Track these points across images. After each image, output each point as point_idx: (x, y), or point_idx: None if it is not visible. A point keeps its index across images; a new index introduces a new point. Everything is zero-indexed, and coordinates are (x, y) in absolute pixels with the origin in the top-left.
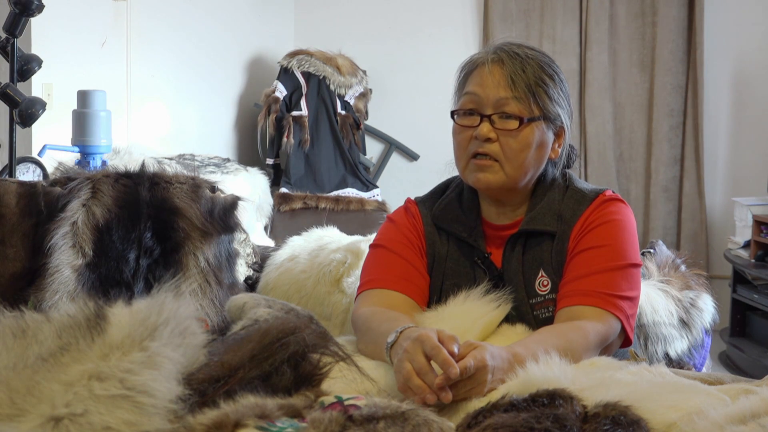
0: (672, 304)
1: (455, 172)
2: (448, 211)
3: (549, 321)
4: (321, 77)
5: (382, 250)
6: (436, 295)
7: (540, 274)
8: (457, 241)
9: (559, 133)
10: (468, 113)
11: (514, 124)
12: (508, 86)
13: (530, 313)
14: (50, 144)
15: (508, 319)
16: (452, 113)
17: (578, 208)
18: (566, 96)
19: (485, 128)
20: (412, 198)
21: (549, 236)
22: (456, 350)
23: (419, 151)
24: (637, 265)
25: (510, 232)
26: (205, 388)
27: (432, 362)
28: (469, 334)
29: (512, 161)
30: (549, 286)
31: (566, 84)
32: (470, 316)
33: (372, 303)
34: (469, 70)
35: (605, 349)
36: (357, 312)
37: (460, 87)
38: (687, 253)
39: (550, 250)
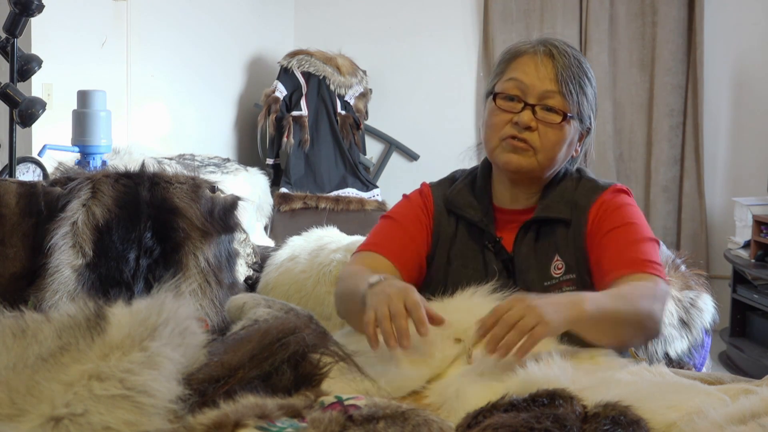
0: (672, 304)
1: (470, 162)
2: (461, 196)
3: None
4: (321, 77)
5: (389, 220)
6: (440, 274)
7: (555, 259)
8: (468, 225)
9: (582, 134)
10: (510, 98)
11: (557, 118)
12: (556, 81)
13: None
14: (50, 144)
15: None
16: (494, 95)
17: (592, 196)
18: (596, 101)
19: (527, 116)
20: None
21: (562, 223)
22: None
23: (419, 151)
24: (657, 241)
25: (521, 216)
26: (205, 388)
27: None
28: (472, 331)
29: (547, 152)
30: (563, 269)
31: (596, 88)
32: (475, 313)
33: (361, 263)
34: (514, 56)
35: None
36: (346, 267)
37: (500, 71)
38: (687, 253)
39: (565, 236)
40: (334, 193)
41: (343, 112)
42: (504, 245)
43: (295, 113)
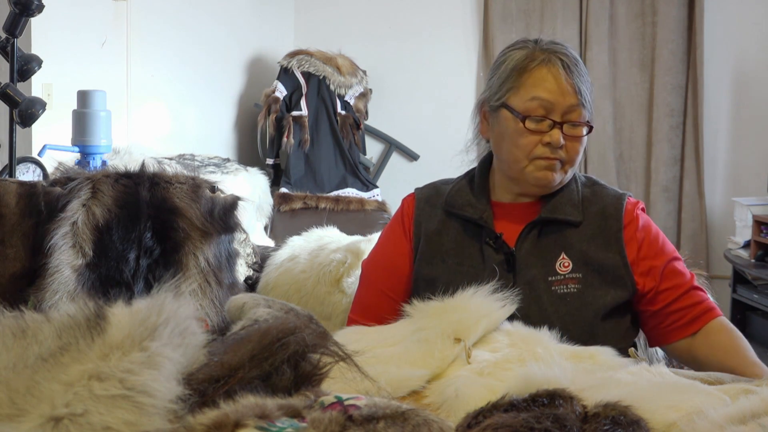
0: None
1: (463, 166)
2: (459, 195)
3: (568, 296)
4: (321, 77)
5: (364, 281)
6: (425, 271)
7: (561, 257)
8: (464, 222)
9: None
10: (538, 120)
11: (582, 131)
12: (575, 93)
13: (548, 289)
14: (50, 144)
15: (522, 297)
16: (523, 118)
17: (620, 204)
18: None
19: (557, 135)
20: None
21: (569, 224)
22: None
23: (419, 151)
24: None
25: (522, 211)
26: (205, 388)
27: None
28: (471, 331)
29: (572, 162)
30: (570, 267)
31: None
32: (475, 313)
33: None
34: (524, 67)
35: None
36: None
37: (513, 85)
38: (687, 253)
39: (574, 237)
40: (334, 193)
41: (343, 112)
42: (505, 240)
43: (295, 113)
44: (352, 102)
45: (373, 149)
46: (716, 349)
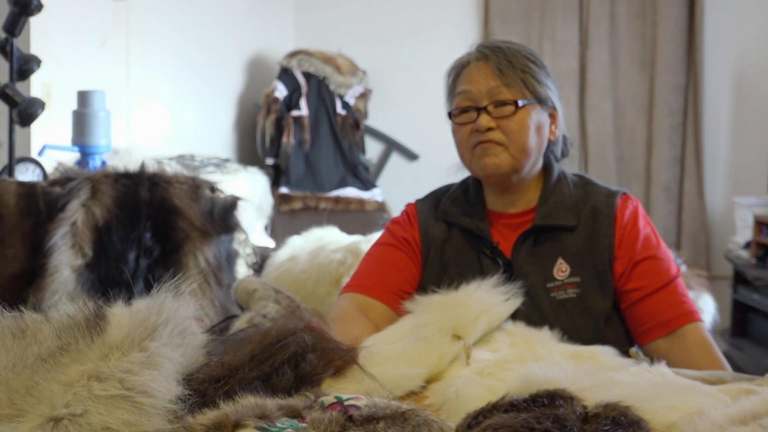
0: None
1: (461, 175)
2: (455, 205)
3: (568, 302)
4: (321, 77)
5: (369, 257)
6: (434, 282)
7: (559, 262)
8: (463, 232)
9: (552, 115)
10: (464, 110)
11: (509, 109)
12: (496, 76)
13: (547, 296)
14: (50, 144)
15: (523, 306)
16: (449, 114)
17: (612, 201)
18: (553, 80)
19: (484, 119)
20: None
21: (565, 229)
22: None
23: (419, 151)
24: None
25: (518, 219)
26: (205, 388)
27: None
28: (472, 327)
29: (515, 143)
30: (568, 272)
31: (550, 71)
32: (476, 308)
33: (349, 302)
34: (457, 73)
35: None
36: (333, 308)
37: (451, 90)
38: (687, 254)
39: (571, 240)
40: (334, 193)
41: (343, 112)
42: (502, 250)
43: (295, 113)
44: (352, 102)
45: (373, 149)
46: (679, 356)
